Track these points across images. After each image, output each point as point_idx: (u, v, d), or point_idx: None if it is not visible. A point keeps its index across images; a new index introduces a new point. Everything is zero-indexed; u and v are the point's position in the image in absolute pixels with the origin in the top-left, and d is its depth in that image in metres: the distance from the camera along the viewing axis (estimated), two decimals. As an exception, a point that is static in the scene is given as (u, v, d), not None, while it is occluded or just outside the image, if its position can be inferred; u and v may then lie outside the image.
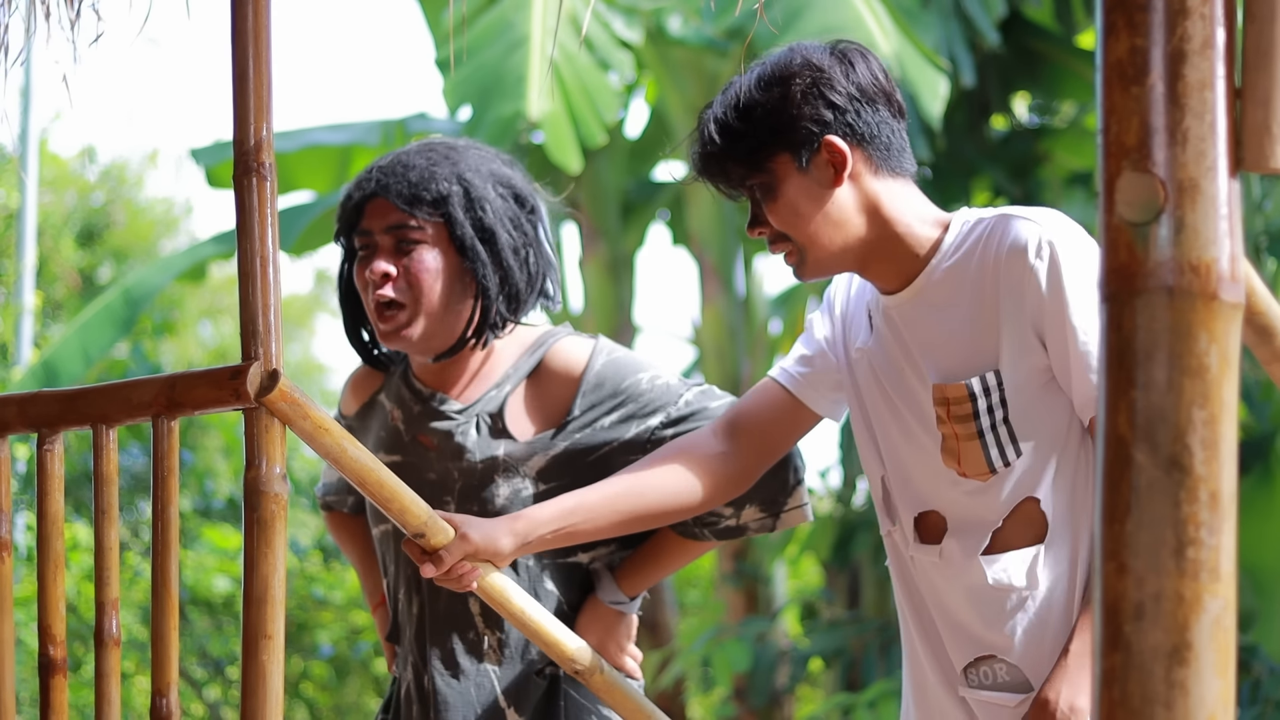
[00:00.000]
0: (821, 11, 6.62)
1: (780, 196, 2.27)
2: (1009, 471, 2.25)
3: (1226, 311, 1.23)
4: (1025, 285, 2.20)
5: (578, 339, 2.68)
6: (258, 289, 2.00)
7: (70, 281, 12.20)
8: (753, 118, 2.27)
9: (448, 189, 2.57)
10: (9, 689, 2.16)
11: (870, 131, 2.28)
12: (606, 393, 2.61)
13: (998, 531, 2.27)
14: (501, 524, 2.33)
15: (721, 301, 8.65)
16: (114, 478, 2.09)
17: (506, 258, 2.59)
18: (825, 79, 2.27)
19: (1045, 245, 2.19)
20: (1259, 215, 7.19)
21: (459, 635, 2.60)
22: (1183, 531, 1.20)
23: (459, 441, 2.61)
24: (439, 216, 2.57)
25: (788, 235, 2.28)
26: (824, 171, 2.26)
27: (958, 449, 2.26)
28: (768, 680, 7.68)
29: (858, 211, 2.28)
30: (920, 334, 2.30)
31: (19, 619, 7.30)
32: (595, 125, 6.73)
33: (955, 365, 2.27)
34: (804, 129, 2.26)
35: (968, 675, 2.31)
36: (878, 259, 2.30)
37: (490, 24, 6.73)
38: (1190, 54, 1.24)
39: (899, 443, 2.34)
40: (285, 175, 8.48)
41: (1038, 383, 2.23)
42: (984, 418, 2.24)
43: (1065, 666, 2.17)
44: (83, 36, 2.31)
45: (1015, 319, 2.21)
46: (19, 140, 9.09)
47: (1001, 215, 2.26)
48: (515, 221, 2.61)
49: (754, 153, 2.27)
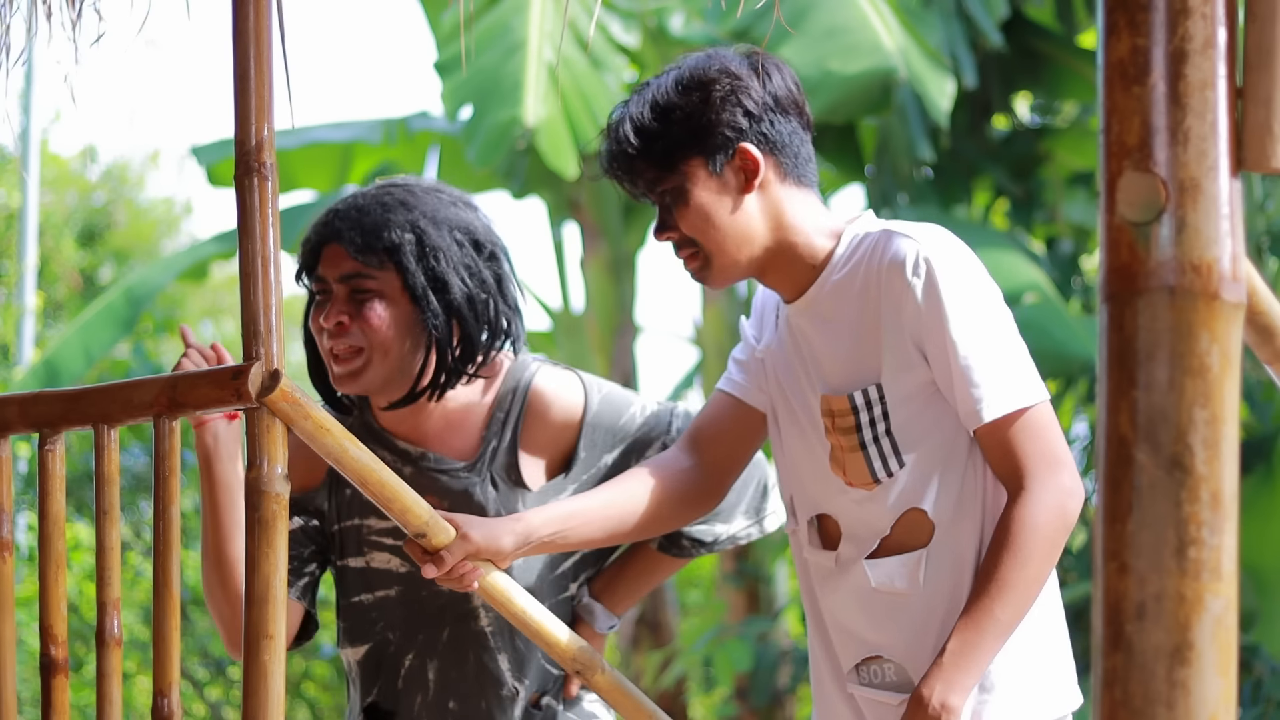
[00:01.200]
0: (827, 11, 6.62)
1: (691, 201, 2.29)
2: (893, 481, 2.28)
3: (1228, 311, 1.23)
4: (903, 301, 2.23)
5: (555, 374, 2.62)
6: (259, 289, 2.00)
7: (71, 281, 12.20)
8: (670, 119, 2.29)
9: (399, 238, 2.50)
10: (10, 689, 2.16)
11: (782, 140, 2.31)
12: (604, 432, 2.60)
13: (885, 537, 2.31)
14: (503, 524, 2.33)
15: (723, 301, 8.65)
16: (115, 478, 2.09)
17: (460, 307, 2.51)
18: (743, 87, 2.30)
19: (922, 262, 2.22)
20: (1260, 215, 7.19)
21: (492, 694, 2.58)
22: (1184, 531, 1.20)
23: (479, 501, 2.56)
24: (391, 265, 2.50)
25: (694, 241, 2.31)
26: (736, 178, 2.30)
27: (843, 459, 2.30)
28: (769, 680, 7.69)
29: (763, 219, 2.31)
30: (811, 344, 2.34)
31: (20, 619, 7.31)
32: (593, 129, 6.73)
33: (840, 378, 2.30)
34: (720, 134, 2.29)
35: (859, 672, 2.35)
36: (776, 267, 2.34)
37: (488, 28, 6.73)
38: (1192, 54, 1.24)
39: (796, 446, 2.38)
40: (286, 174, 8.49)
41: (921, 396, 2.26)
42: (866, 430, 2.28)
43: (941, 665, 2.19)
44: (84, 37, 2.31)
45: (895, 334, 2.25)
46: (20, 140, 9.09)
47: (885, 231, 2.29)
48: (471, 270, 2.53)
49: (668, 155, 2.29)
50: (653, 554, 2.67)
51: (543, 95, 6.53)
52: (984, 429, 2.22)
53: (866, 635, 2.33)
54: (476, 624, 2.58)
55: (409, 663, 2.61)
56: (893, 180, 7.70)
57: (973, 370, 2.21)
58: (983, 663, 2.20)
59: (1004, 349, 2.23)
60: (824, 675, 2.40)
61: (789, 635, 8.86)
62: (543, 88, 6.53)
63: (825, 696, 2.40)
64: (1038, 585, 2.19)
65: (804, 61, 6.65)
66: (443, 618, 2.59)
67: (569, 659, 2.36)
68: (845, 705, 2.37)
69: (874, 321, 2.27)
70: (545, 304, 8.97)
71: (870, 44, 6.63)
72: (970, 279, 2.24)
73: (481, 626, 2.58)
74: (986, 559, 2.20)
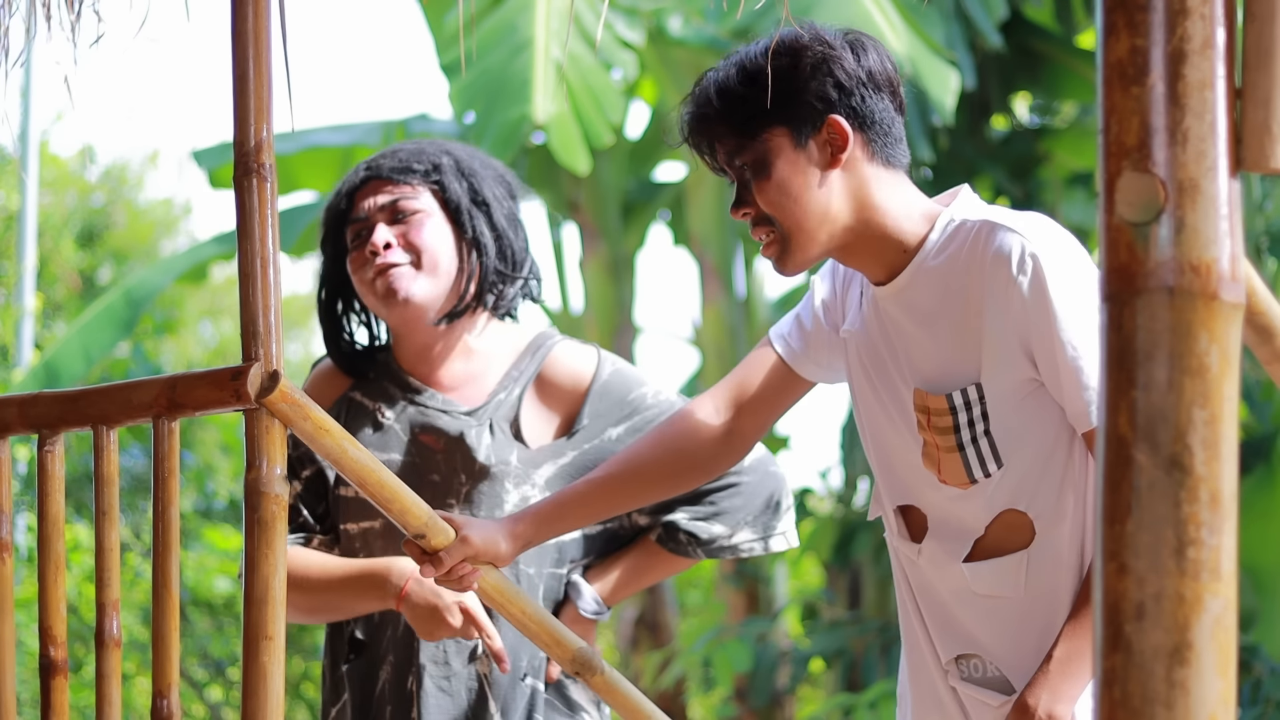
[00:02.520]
0: (831, 9, 6.61)
1: (772, 174, 2.19)
2: (990, 482, 2.21)
3: (1227, 311, 1.23)
4: (1009, 299, 2.15)
5: (576, 345, 2.68)
6: (258, 289, 2.00)
7: (71, 282, 12.20)
8: (756, 84, 2.18)
9: (439, 159, 2.61)
10: (10, 690, 2.16)
11: (873, 117, 2.21)
12: (613, 402, 2.61)
13: (980, 539, 2.24)
14: (502, 525, 2.33)
15: (722, 302, 8.65)
16: (115, 479, 2.09)
17: (501, 222, 2.61)
18: (835, 56, 2.20)
19: (1029, 258, 2.13)
20: (1259, 215, 7.19)
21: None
22: (1183, 531, 1.20)
23: (471, 444, 2.59)
24: (432, 183, 2.60)
25: (772, 219, 2.21)
26: (822, 152, 2.19)
27: (938, 457, 2.23)
28: (769, 681, 7.68)
29: (847, 198, 2.21)
30: (904, 332, 2.26)
31: (20, 620, 7.30)
32: (601, 126, 6.73)
33: (936, 373, 2.22)
34: (808, 104, 2.19)
35: (959, 666, 2.30)
36: (861, 250, 2.24)
37: (494, 27, 6.73)
38: (1190, 54, 1.24)
39: (884, 430, 2.31)
40: (286, 176, 8.49)
41: (1022, 394, 2.18)
42: (964, 431, 2.20)
43: (1047, 673, 2.14)
44: (83, 37, 2.31)
45: (999, 332, 2.17)
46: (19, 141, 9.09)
47: (986, 222, 2.19)
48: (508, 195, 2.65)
49: (751, 121, 2.19)
50: (652, 548, 2.67)
51: (551, 93, 6.53)
52: (1094, 432, 2.13)
53: (964, 631, 2.27)
54: None
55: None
56: (892, 180, 7.68)
57: (1083, 371, 2.12)
58: (1089, 671, 2.13)
59: None
60: (925, 657, 2.33)
61: (788, 636, 8.86)
62: (551, 85, 6.53)
63: (927, 681, 2.33)
64: None
65: (805, 61, 6.63)
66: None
67: (569, 659, 2.36)
68: (949, 695, 2.30)
69: (976, 318, 2.18)
70: (545, 305, 8.96)
71: (875, 41, 6.62)
72: (1077, 275, 2.15)
73: None
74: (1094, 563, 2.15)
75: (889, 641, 7.27)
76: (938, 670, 2.32)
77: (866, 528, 7.53)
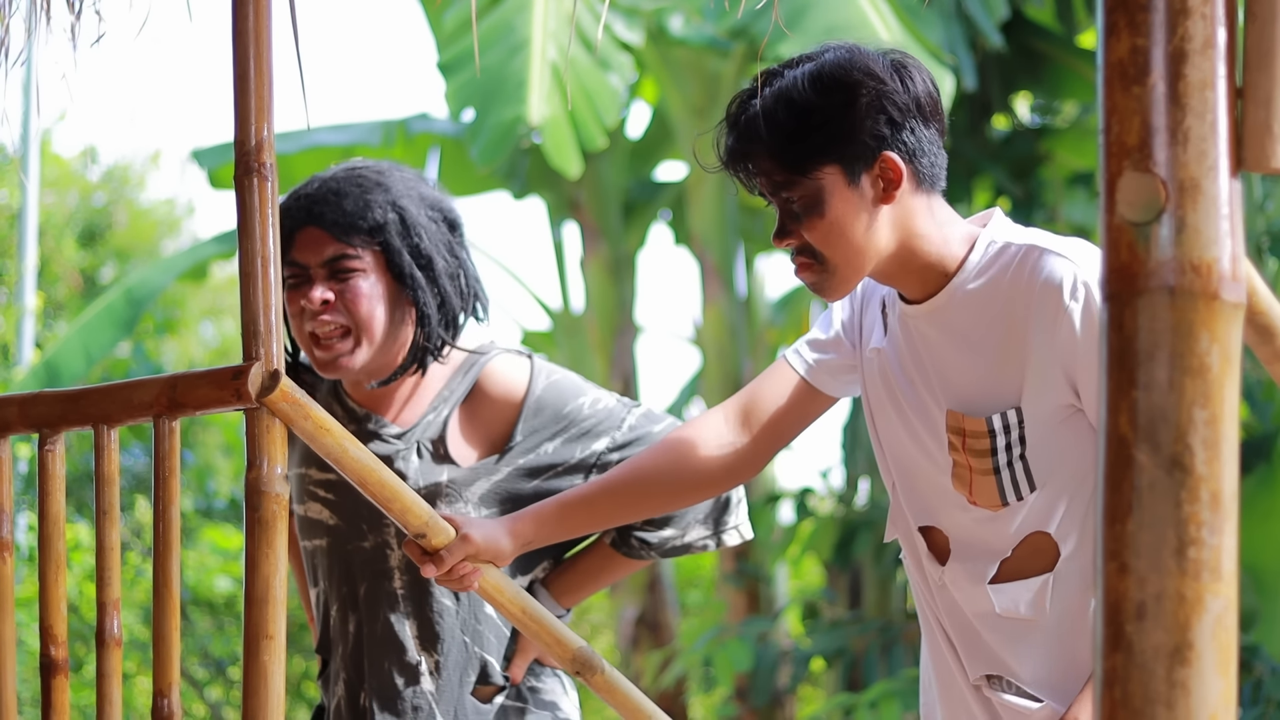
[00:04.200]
0: (826, 10, 6.61)
1: (827, 213, 2.15)
2: (1022, 505, 2.19)
3: (1228, 311, 1.23)
4: (1058, 326, 2.12)
5: (511, 359, 2.63)
6: (259, 289, 2.00)
7: (72, 282, 12.20)
8: (809, 121, 2.14)
9: (384, 216, 2.52)
10: (10, 689, 2.16)
11: (921, 148, 2.19)
12: (548, 417, 2.58)
13: (1005, 560, 2.23)
14: (503, 524, 2.32)
15: (723, 301, 8.64)
16: (115, 478, 2.09)
17: (443, 283, 2.56)
18: (888, 91, 2.16)
19: (1081, 287, 2.11)
20: (1260, 215, 7.19)
21: (395, 658, 2.59)
22: (1184, 531, 1.20)
23: (399, 467, 2.58)
24: (376, 245, 2.53)
25: (814, 251, 2.18)
26: (874, 188, 2.16)
27: (970, 479, 2.21)
28: (769, 680, 7.68)
29: (894, 230, 2.18)
30: (937, 352, 2.23)
31: (20, 619, 7.30)
32: (596, 129, 6.73)
33: (974, 395, 2.19)
34: (862, 142, 2.15)
35: (989, 682, 2.28)
36: (903, 273, 2.22)
37: (491, 27, 6.73)
38: (1191, 54, 1.24)
39: (909, 449, 2.28)
40: (287, 175, 8.49)
41: (1058, 419, 2.17)
42: (1001, 455, 2.18)
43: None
44: (84, 37, 2.31)
45: (1045, 358, 2.14)
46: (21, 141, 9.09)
47: (1032, 246, 2.17)
48: (449, 247, 2.58)
49: (804, 159, 2.14)
50: (607, 551, 2.67)
51: (547, 94, 6.53)
52: None
53: (991, 654, 2.25)
54: (390, 584, 2.60)
55: (334, 614, 2.65)
56: (893, 180, 7.68)
57: None
58: None
59: None
60: (954, 672, 2.31)
61: (789, 635, 8.86)
62: (547, 86, 6.53)
63: (955, 693, 2.32)
64: None
65: (804, 61, 6.64)
66: (362, 573, 2.62)
67: (568, 659, 2.36)
68: (979, 705, 2.29)
69: (1020, 342, 2.15)
70: (545, 304, 8.97)
71: (869, 43, 6.62)
72: None
73: (394, 587, 2.60)
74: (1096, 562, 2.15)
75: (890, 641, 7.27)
76: (967, 686, 2.30)
77: (867, 528, 7.53)
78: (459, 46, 6.88)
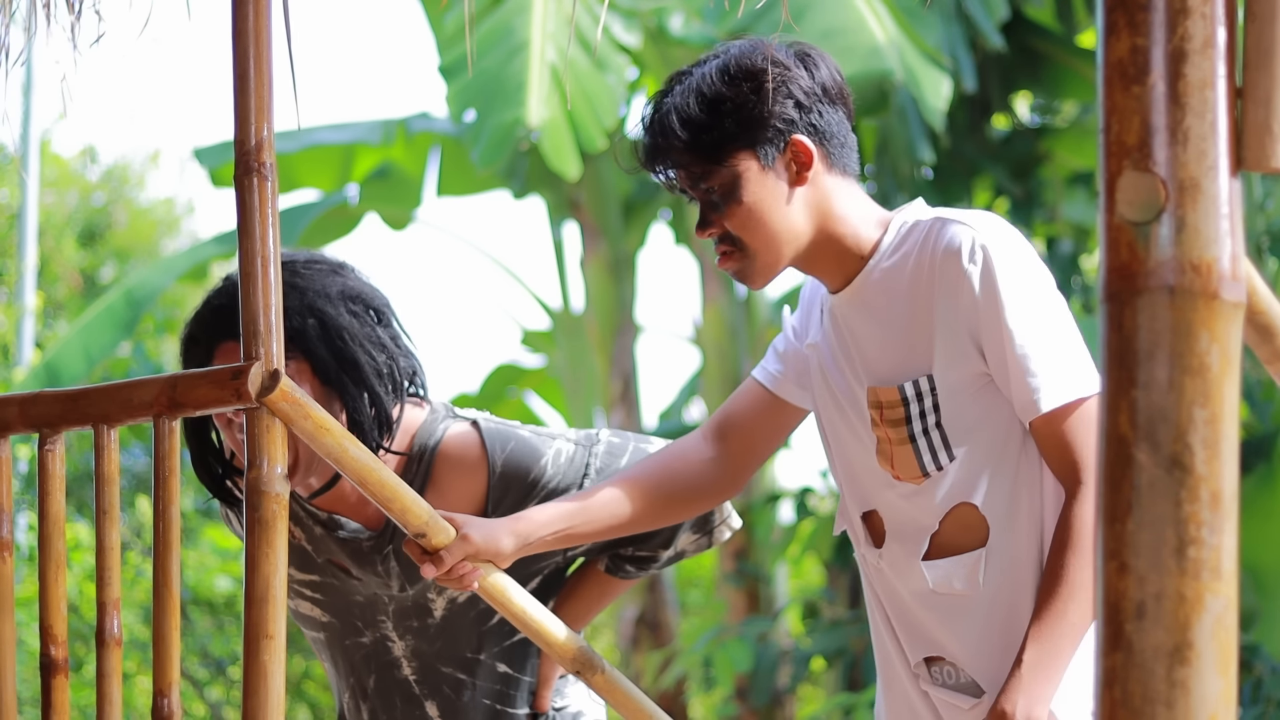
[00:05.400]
0: (824, 12, 6.62)
1: (743, 198, 2.23)
2: (943, 475, 2.23)
3: (1228, 311, 1.23)
4: (959, 290, 2.18)
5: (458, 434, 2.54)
6: (259, 289, 2.00)
7: (72, 282, 12.20)
8: (719, 111, 2.22)
9: (302, 324, 2.41)
10: (10, 689, 2.16)
11: (830, 130, 2.26)
12: (517, 489, 2.52)
13: (936, 536, 2.26)
14: (503, 524, 2.33)
15: (723, 301, 8.65)
16: (115, 478, 2.09)
17: (372, 383, 2.43)
18: (793, 76, 2.24)
19: (979, 249, 2.17)
20: (1260, 215, 7.19)
21: None
22: (1184, 531, 1.20)
23: (381, 574, 2.54)
24: (298, 353, 2.41)
25: (734, 238, 2.25)
26: (787, 170, 2.24)
27: (890, 452, 2.26)
28: (769, 680, 7.69)
29: (810, 212, 2.25)
30: (857, 334, 2.29)
31: (20, 619, 7.31)
32: (595, 131, 6.74)
33: (889, 368, 2.25)
34: (772, 126, 2.23)
35: (929, 670, 2.31)
36: (822, 259, 2.29)
37: (491, 29, 6.74)
38: (1191, 53, 1.24)
39: (845, 438, 2.34)
40: (287, 174, 8.49)
41: (973, 387, 2.21)
42: (916, 422, 2.23)
43: (1020, 677, 2.14)
44: (84, 36, 2.31)
45: (949, 324, 2.20)
46: (20, 140, 9.09)
47: (937, 218, 2.24)
48: (374, 341, 2.46)
49: (717, 148, 2.22)
50: (602, 577, 2.65)
51: (545, 96, 6.53)
52: (1040, 420, 2.17)
53: (930, 634, 2.29)
54: (400, 673, 2.59)
55: (346, 700, 2.63)
56: (893, 180, 7.70)
57: (1030, 359, 2.16)
58: (1061, 669, 2.14)
59: (1061, 338, 2.18)
60: (895, 665, 2.35)
61: (789, 635, 8.86)
62: (545, 89, 6.54)
63: (898, 685, 2.36)
64: None
65: (802, 62, 6.64)
66: (368, 666, 2.60)
67: (569, 658, 2.36)
68: (920, 700, 2.32)
69: (926, 310, 2.22)
70: (545, 304, 8.97)
71: (866, 46, 6.64)
72: (1027, 266, 2.19)
73: (405, 675, 2.59)
74: (1051, 561, 2.16)
75: (890, 641, 7.26)
76: (908, 675, 2.33)
77: (867, 527, 7.51)
78: (460, 49, 6.89)
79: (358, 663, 2.60)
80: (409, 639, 2.57)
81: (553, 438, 2.56)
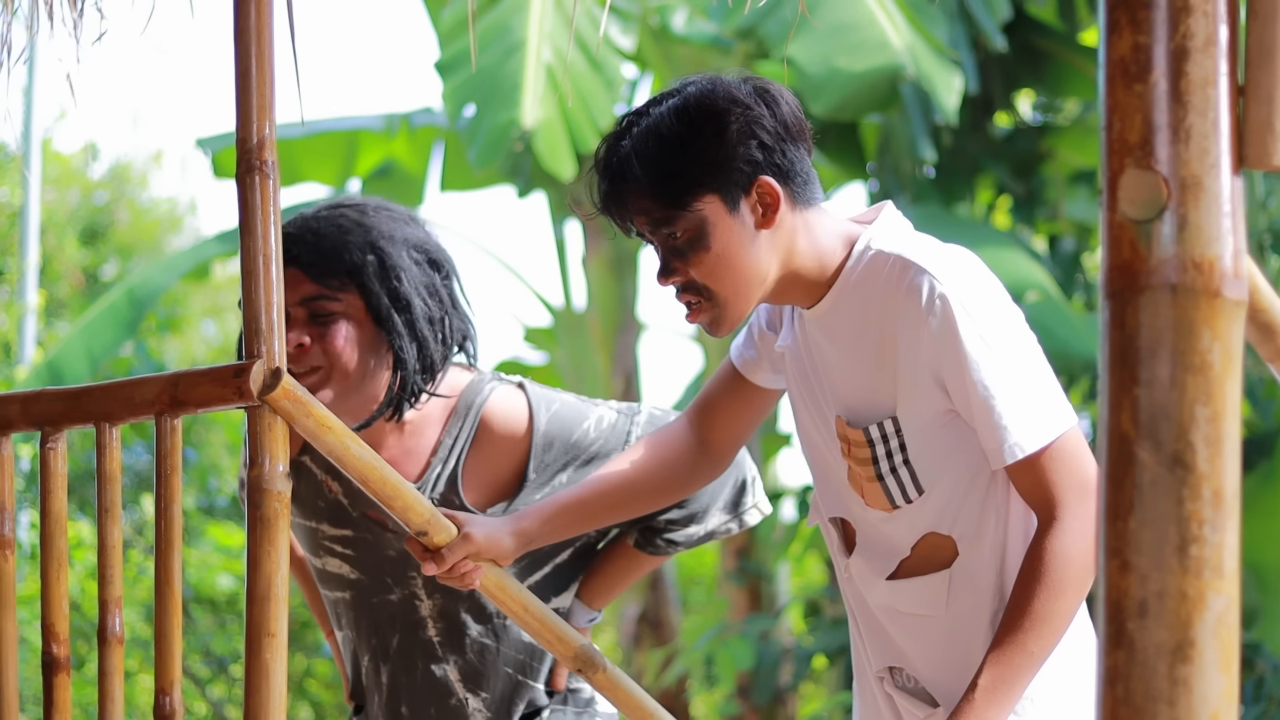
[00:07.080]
0: (835, 8, 6.62)
1: (711, 244, 2.15)
2: (913, 507, 2.21)
3: (1229, 309, 1.23)
4: (919, 339, 2.13)
5: (506, 393, 2.58)
6: (261, 286, 2.00)
7: (74, 280, 12.21)
8: (684, 154, 2.15)
9: (361, 259, 2.46)
10: (12, 687, 2.16)
11: (794, 168, 2.19)
12: (558, 450, 2.55)
13: (905, 559, 2.25)
14: (505, 523, 2.33)
15: (725, 299, 8.63)
16: (117, 476, 2.09)
17: (421, 328, 2.48)
18: (755, 117, 2.17)
19: (937, 300, 2.12)
20: (1262, 213, 7.19)
21: (439, 702, 2.60)
22: (1186, 529, 1.20)
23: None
24: (353, 287, 2.46)
25: (699, 287, 2.18)
26: (753, 213, 2.17)
27: (861, 485, 2.24)
28: (771, 678, 7.69)
29: (776, 254, 2.19)
30: (827, 358, 2.26)
31: (22, 617, 7.31)
32: (590, 131, 6.74)
33: (855, 404, 2.22)
34: (738, 169, 2.15)
35: (892, 675, 2.32)
36: (787, 293, 2.24)
37: (488, 28, 6.74)
38: (1193, 51, 1.23)
39: (817, 447, 2.32)
40: (290, 166, 8.49)
41: (940, 424, 2.18)
42: (883, 462, 2.20)
43: (973, 701, 2.11)
44: (86, 35, 2.32)
45: (913, 367, 2.15)
46: (22, 138, 9.09)
47: (899, 258, 2.17)
48: (430, 289, 2.50)
49: (682, 193, 2.15)
50: (631, 552, 2.67)
51: (540, 97, 6.53)
52: (1011, 468, 2.14)
53: (893, 644, 2.29)
54: (424, 633, 2.59)
55: (366, 664, 2.64)
56: (895, 179, 7.70)
57: (994, 411, 2.12)
58: (1015, 696, 2.12)
59: (1026, 384, 2.13)
60: (865, 667, 2.36)
61: (791, 633, 8.86)
62: (541, 89, 6.54)
63: (867, 687, 2.37)
64: (1070, 616, 2.11)
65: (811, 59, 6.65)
66: (392, 625, 2.60)
67: (571, 657, 2.36)
68: (885, 702, 2.33)
69: (890, 353, 2.17)
70: (547, 301, 8.97)
71: (877, 41, 6.63)
72: (987, 312, 2.14)
73: (429, 636, 2.59)
74: (1018, 590, 2.12)
75: (892, 639, 7.27)
76: (873, 677, 2.35)
77: (869, 525, 7.52)
78: (457, 46, 6.88)
79: (382, 622, 2.60)
80: (437, 597, 2.58)
81: (596, 405, 2.61)
